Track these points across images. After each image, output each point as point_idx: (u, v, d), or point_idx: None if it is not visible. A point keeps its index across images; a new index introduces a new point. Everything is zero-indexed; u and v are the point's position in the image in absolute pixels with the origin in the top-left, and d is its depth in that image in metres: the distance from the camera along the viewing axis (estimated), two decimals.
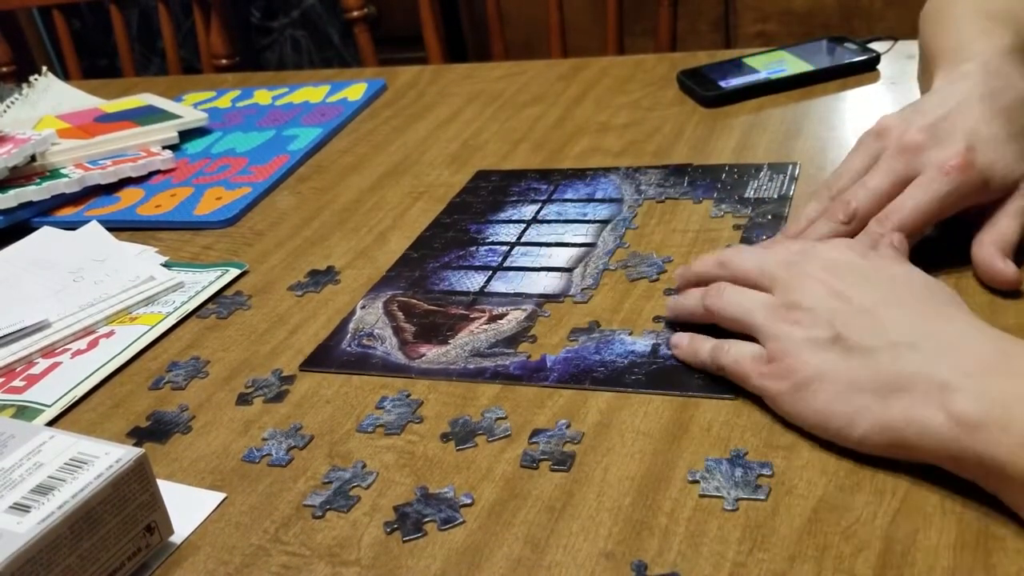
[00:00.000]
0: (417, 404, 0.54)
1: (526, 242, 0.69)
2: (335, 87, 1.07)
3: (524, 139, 0.87)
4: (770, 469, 0.45)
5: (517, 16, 2.05)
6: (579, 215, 0.72)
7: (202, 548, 0.47)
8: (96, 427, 0.57)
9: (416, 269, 0.68)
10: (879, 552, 0.40)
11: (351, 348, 0.60)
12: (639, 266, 0.63)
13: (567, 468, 0.47)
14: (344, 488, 0.49)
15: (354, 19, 1.43)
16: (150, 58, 2.76)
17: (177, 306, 0.68)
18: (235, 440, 0.54)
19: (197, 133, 1.00)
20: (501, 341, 0.58)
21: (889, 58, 0.87)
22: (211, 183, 0.88)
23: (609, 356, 0.55)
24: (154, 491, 0.46)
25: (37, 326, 0.66)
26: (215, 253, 0.77)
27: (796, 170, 0.71)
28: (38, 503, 0.42)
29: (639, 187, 0.74)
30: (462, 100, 0.99)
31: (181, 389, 0.60)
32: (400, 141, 0.92)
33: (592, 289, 0.62)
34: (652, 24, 1.35)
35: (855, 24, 1.93)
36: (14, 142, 0.89)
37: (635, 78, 0.95)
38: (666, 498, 0.44)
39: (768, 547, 0.41)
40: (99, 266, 0.74)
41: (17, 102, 1.17)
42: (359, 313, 0.64)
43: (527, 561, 0.43)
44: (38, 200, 0.86)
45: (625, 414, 0.50)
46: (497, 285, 0.64)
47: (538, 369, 0.55)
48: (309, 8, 2.62)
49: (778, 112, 0.82)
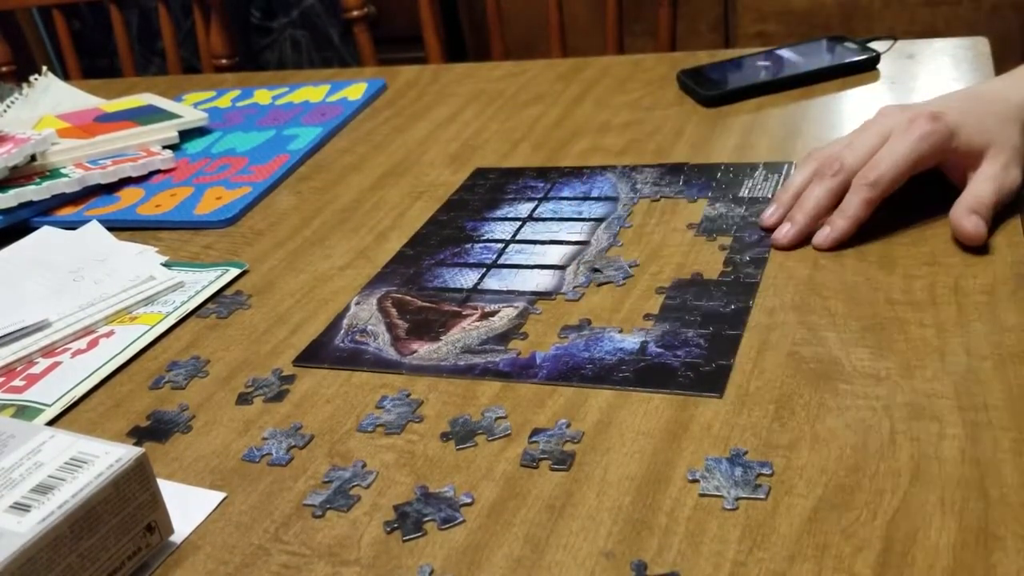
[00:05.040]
0: (417, 403, 0.54)
1: (521, 239, 0.69)
2: (335, 87, 1.07)
3: (524, 139, 0.87)
4: (770, 468, 0.45)
5: (517, 16, 2.05)
6: (574, 213, 0.72)
7: (202, 548, 0.47)
8: (96, 427, 0.57)
9: (411, 266, 0.68)
10: (879, 552, 0.40)
11: (344, 344, 0.61)
12: (607, 270, 0.63)
13: (567, 467, 0.47)
14: (344, 487, 0.49)
15: (354, 19, 1.43)
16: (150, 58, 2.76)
17: (177, 306, 0.68)
18: (235, 440, 0.54)
19: (197, 133, 1.00)
20: (492, 338, 0.58)
21: (889, 58, 0.87)
22: (211, 183, 0.88)
23: (598, 353, 0.55)
24: (154, 491, 0.46)
25: (37, 326, 0.66)
26: (215, 253, 0.77)
27: (791, 169, 0.71)
28: (38, 503, 0.42)
29: (635, 186, 0.74)
30: (462, 100, 0.99)
31: (181, 389, 0.60)
32: (400, 141, 0.92)
33: (584, 287, 0.62)
34: (652, 24, 1.35)
35: (855, 24, 1.94)
36: (14, 142, 0.89)
37: (635, 78, 0.95)
38: (666, 497, 0.44)
39: (768, 546, 0.41)
40: (99, 266, 0.74)
41: (17, 102, 1.17)
42: (353, 309, 0.64)
43: (527, 560, 0.43)
44: (38, 200, 0.86)
45: (625, 413, 0.50)
46: (490, 282, 0.65)
47: (527, 366, 0.55)
48: (309, 8, 2.62)
49: (778, 112, 0.82)
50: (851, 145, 0.63)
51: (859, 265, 0.59)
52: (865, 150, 0.62)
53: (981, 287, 0.55)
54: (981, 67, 0.83)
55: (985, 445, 0.44)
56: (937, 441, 0.45)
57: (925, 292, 0.55)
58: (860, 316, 0.54)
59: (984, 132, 0.61)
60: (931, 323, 0.53)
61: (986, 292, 0.54)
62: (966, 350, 0.50)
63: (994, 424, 0.45)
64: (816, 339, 0.53)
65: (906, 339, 0.52)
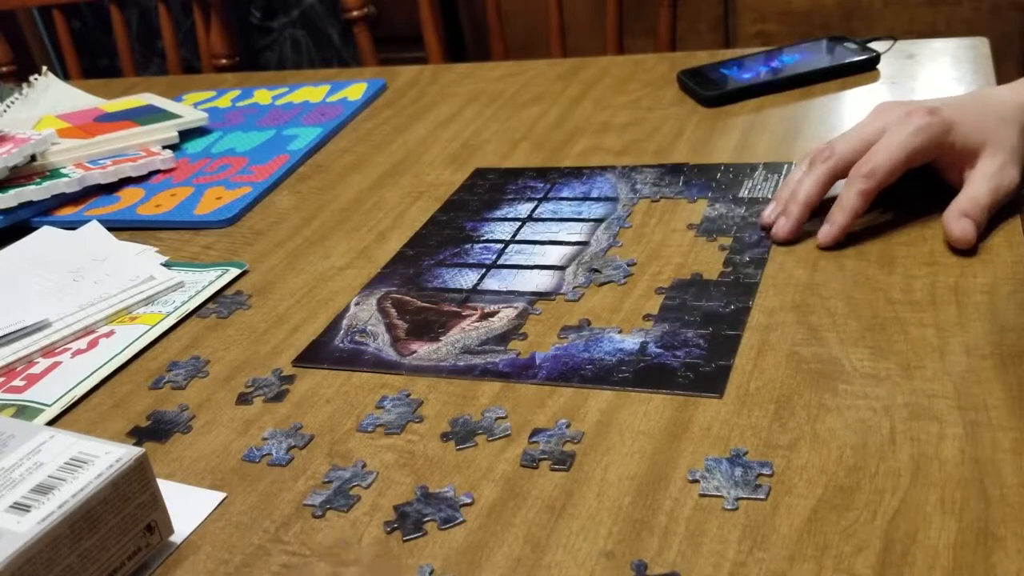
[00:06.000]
0: (417, 404, 0.54)
1: (520, 240, 0.69)
2: (335, 87, 1.07)
3: (524, 139, 0.87)
4: (770, 469, 0.45)
5: (517, 16, 2.05)
6: (574, 213, 0.72)
7: (202, 547, 0.47)
8: (96, 427, 0.57)
9: (411, 266, 0.68)
10: (879, 552, 0.40)
11: (343, 344, 0.61)
12: (606, 270, 0.63)
13: (567, 468, 0.47)
14: (344, 487, 0.49)
15: (354, 19, 1.43)
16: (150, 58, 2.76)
17: (177, 306, 0.68)
18: (235, 440, 0.54)
19: (197, 133, 1.00)
20: (492, 339, 0.58)
21: (889, 58, 0.87)
22: (211, 183, 0.88)
23: (598, 354, 0.55)
24: (154, 490, 0.46)
25: (37, 326, 0.66)
26: (215, 253, 0.77)
27: (791, 169, 0.71)
28: (38, 502, 0.42)
29: (635, 186, 0.74)
30: (462, 100, 0.99)
31: (181, 389, 0.60)
32: (400, 141, 0.92)
33: (584, 287, 0.62)
34: (652, 24, 1.35)
35: (855, 24, 1.93)
36: (14, 142, 0.89)
37: (635, 78, 0.95)
38: (666, 498, 0.44)
39: (768, 546, 0.41)
40: (99, 266, 0.74)
41: (17, 102, 1.17)
42: (353, 310, 0.64)
43: (527, 561, 0.43)
44: (38, 200, 0.86)
45: (625, 414, 0.50)
46: (490, 283, 0.65)
47: (527, 366, 0.55)
48: (309, 8, 2.62)
49: (778, 112, 0.82)
50: (844, 135, 0.64)
51: (859, 265, 0.59)
52: (858, 139, 0.62)
53: (981, 287, 0.55)
54: (981, 67, 0.83)
55: (985, 445, 0.44)
56: (937, 441, 0.45)
57: (925, 292, 0.55)
58: (860, 316, 0.54)
59: (981, 130, 0.61)
60: (931, 323, 0.53)
61: (986, 292, 0.54)
62: (966, 350, 0.50)
63: (994, 424, 0.45)
64: (816, 339, 0.53)
65: (906, 339, 0.52)
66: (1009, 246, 0.58)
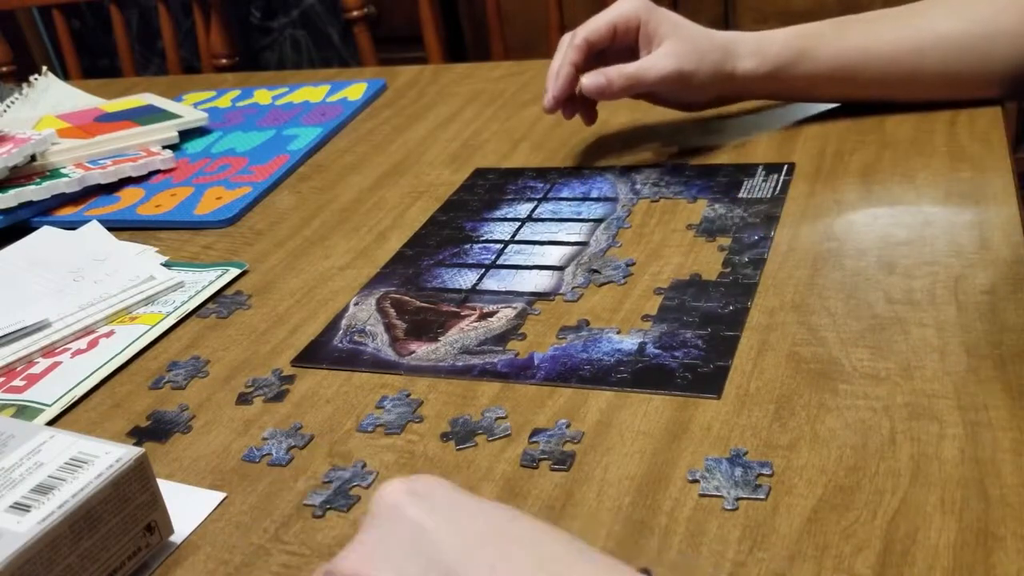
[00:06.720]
0: (417, 404, 0.54)
1: (520, 240, 0.69)
2: (335, 87, 1.07)
3: (524, 139, 0.87)
4: (770, 469, 0.45)
5: (517, 16, 2.05)
6: (573, 214, 0.72)
7: (202, 547, 0.47)
8: (96, 427, 0.57)
9: (410, 266, 0.68)
10: (879, 552, 0.40)
11: (342, 344, 0.61)
12: (606, 270, 0.63)
13: (567, 468, 0.47)
14: (344, 488, 0.49)
15: (354, 19, 1.43)
16: (150, 58, 2.76)
17: (177, 306, 0.68)
18: (235, 440, 0.54)
19: (197, 133, 1.00)
20: (491, 339, 0.58)
21: None
22: (211, 183, 0.88)
23: (596, 354, 0.55)
24: (154, 490, 0.46)
25: (37, 326, 0.66)
26: (215, 253, 0.77)
27: (791, 169, 0.71)
28: (38, 502, 0.42)
29: (634, 186, 0.74)
30: (462, 100, 0.99)
31: (181, 389, 0.60)
32: (400, 141, 0.92)
33: (583, 288, 0.62)
34: None
35: None
36: (14, 142, 0.89)
37: None
38: (666, 498, 0.44)
39: (768, 546, 0.41)
40: (99, 266, 0.74)
41: (17, 102, 1.17)
42: (352, 310, 0.64)
43: None
44: (38, 200, 0.86)
45: (625, 414, 0.50)
46: (489, 283, 0.65)
47: (526, 367, 0.55)
48: (309, 8, 2.62)
49: (778, 112, 0.82)
50: None
51: (859, 265, 0.59)
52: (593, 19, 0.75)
53: (981, 287, 0.55)
54: None
55: (985, 445, 0.44)
56: (937, 441, 0.45)
57: (925, 292, 0.55)
58: (860, 316, 0.54)
59: (674, 29, 0.73)
60: (931, 323, 0.53)
61: (986, 292, 0.54)
62: (966, 350, 0.50)
63: (994, 424, 0.45)
64: (816, 339, 0.53)
65: (906, 339, 0.52)
66: (1009, 246, 0.58)
